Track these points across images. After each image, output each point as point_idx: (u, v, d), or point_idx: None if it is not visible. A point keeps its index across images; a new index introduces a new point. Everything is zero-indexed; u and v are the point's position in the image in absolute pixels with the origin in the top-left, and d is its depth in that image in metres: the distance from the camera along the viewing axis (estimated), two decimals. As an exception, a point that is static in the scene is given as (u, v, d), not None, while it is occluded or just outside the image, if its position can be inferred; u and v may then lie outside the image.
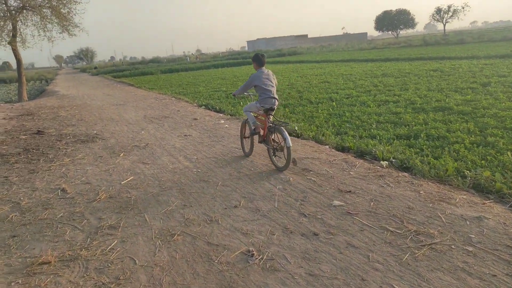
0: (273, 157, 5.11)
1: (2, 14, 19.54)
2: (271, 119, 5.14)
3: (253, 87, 5.29)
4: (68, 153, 6.64)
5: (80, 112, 12.04)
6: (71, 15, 20.93)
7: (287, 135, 4.67)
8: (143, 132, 8.34)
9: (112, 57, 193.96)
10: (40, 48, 22.17)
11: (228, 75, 24.85)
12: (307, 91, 13.31)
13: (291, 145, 4.64)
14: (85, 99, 16.63)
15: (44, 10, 20.43)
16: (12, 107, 14.15)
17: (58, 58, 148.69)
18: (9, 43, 19.86)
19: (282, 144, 4.79)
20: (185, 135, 7.65)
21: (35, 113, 12.04)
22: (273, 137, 5.04)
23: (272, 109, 5.10)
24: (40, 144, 7.40)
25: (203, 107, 12.14)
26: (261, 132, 5.27)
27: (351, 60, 30.29)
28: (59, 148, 7.06)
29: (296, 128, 7.57)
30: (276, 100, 5.11)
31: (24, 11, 20.12)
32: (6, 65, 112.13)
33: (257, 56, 5.34)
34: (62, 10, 20.55)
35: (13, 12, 19.65)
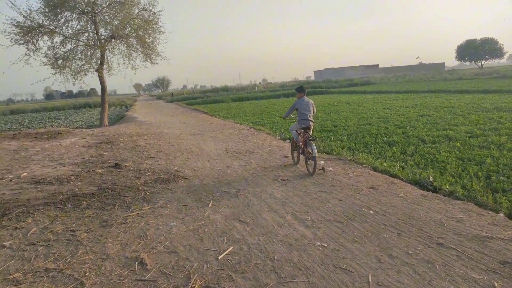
0: (307, 164, 6.57)
1: (93, 43, 20.49)
2: (308, 135, 6.51)
3: (295, 111, 6.92)
4: (148, 197, 5.49)
5: (159, 142, 11.30)
6: (154, 44, 21.37)
7: (314, 147, 6.18)
8: (229, 171, 7.05)
9: (185, 86, 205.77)
10: (124, 75, 23.05)
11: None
12: (409, 126, 11.28)
13: (316, 155, 6.20)
14: (162, 127, 16.24)
15: (131, 39, 21.10)
16: (92, 133, 14.05)
17: (137, 86, 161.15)
18: (97, 70, 20.67)
19: (313, 154, 6.19)
20: (283, 180, 6.17)
21: (114, 141, 11.55)
22: (308, 149, 6.40)
23: (309, 128, 6.62)
24: (117, 182, 6.42)
25: (288, 141, 10.72)
26: (302, 145, 6.67)
27: (440, 91, 27.25)
28: (138, 189, 5.97)
29: (431, 178, 5.70)
30: (311, 122, 6.66)
31: (113, 40, 20.94)
32: (92, 91, 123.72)
33: (300, 87, 7.10)
34: (147, 39, 21.04)
35: (103, 41, 20.52)
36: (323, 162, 7.36)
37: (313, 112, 6.78)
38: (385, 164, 6.89)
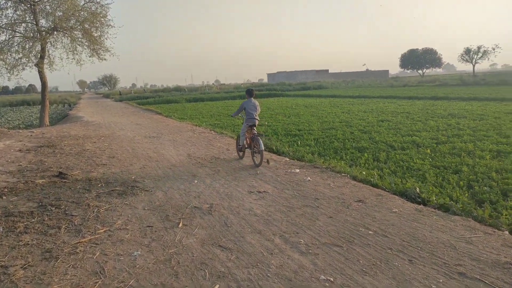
0: (253, 157, 7.33)
1: (32, 35, 18.39)
2: (254, 132, 7.34)
3: (243, 110, 7.66)
4: (102, 216, 4.56)
5: (110, 146, 10.11)
6: (102, 38, 19.71)
7: (261, 142, 6.94)
8: (196, 181, 6.26)
9: (134, 84, 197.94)
10: (68, 71, 21.02)
11: (262, 108, 23.03)
12: (374, 132, 11.18)
13: (263, 149, 6.98)
14: (112, 128, 14.84)
15: (76, 32, 19.27)
16: (31, 135, 12.38)
17: (81, 83, 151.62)
18: (36, 64, 18.61)
19: (259, 148, 6.94)
20: (259, 192, 5.52)
21: (57, 145, 10.16)
22: (254, 143, 7.19)
23: (254, 125, 7.43)
24: (62, 196, 5.36)
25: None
26: (248, 141, 7.52)
27: (391, 96, 28.26)
28: (88, 204, 4.99)
29: (418, 190, 5.36)
30: (257, 120, 7.49)
31: (55, 32, 18.97)
32: (31, 88, 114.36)
33: (248, 90, 7.87)
34: (94, 33, 19.34)
35: (43, 33, 18.50)
36: (297, 170, 6.84)
37: (258, 112, 7.62)
38: (364, 173, 6.51)
